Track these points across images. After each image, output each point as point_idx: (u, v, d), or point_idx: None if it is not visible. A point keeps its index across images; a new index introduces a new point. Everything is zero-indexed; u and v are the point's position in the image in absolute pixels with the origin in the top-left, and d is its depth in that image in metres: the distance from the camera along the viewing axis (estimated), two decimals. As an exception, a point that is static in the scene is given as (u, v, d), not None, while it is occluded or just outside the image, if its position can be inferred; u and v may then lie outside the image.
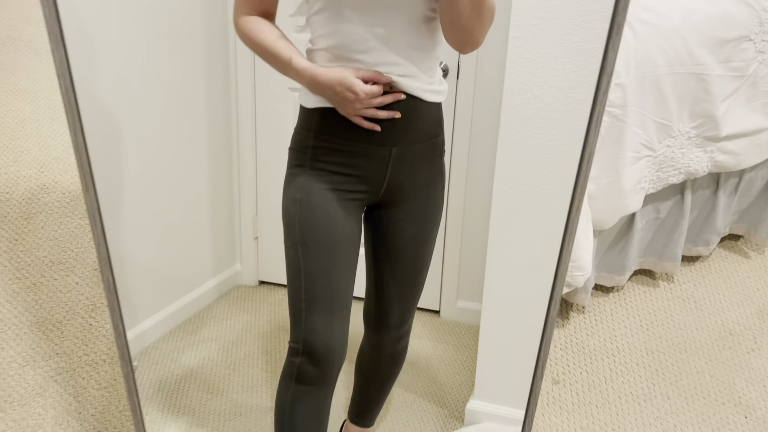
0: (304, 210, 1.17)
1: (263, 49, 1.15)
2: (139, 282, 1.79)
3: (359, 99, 1.10)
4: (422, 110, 1.17)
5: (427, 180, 1.24)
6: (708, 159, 1.86)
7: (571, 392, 1.80)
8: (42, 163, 2.24)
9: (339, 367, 1.22)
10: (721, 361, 1.89)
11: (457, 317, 2.10)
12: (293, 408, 1.22)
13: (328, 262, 1.17)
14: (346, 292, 1.21)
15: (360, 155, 1.16)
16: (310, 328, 1.17)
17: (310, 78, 1.11)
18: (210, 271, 2.19)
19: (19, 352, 1.76)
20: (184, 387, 1.77)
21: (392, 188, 1.21)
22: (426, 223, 1.28)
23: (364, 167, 1.17)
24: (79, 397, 1.69)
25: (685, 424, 1.71)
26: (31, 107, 2.44)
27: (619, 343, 1.94)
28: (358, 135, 1.14)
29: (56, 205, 2.12)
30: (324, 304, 1.17)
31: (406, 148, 1.17)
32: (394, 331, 1.36)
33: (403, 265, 1.29)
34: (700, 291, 2.11)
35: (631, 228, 1.95)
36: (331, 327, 1.18)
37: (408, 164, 1.19)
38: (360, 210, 1.23)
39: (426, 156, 1.22)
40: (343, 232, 1.19)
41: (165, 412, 1.68)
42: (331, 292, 1.18)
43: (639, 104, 1.65)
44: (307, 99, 1.17)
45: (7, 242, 2.01)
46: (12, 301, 1.88)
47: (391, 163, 1.17)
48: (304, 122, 1.19)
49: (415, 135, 1.18)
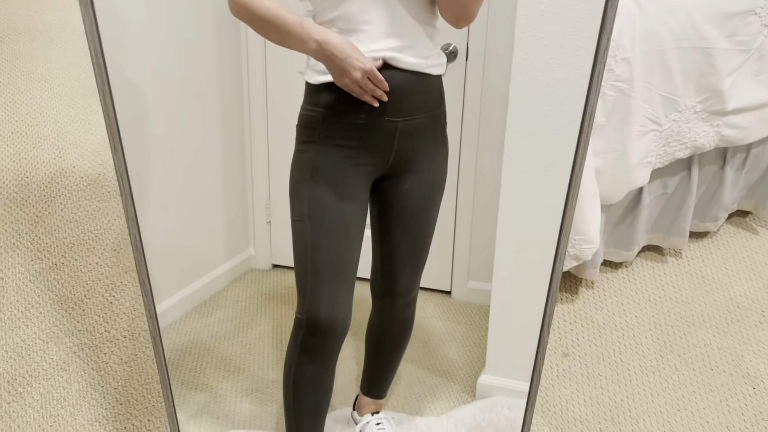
0: (311, 184, 1.20)
1: (263, 18, 1.11)
2: (154, 264, 1.83)
3: (365, 70, 1.11)
4: (425, 83, 1.20)
5: (432, 151, 1.28)
6: (714, 133, 1.87)
7: (580, 364, 1.83)
8: (60, 149, 2.29)
9: (342, 338, 1.26)
10: (729, 334, 1.91)
11: (468, 297, 2.12)
12: (297, 375, 1.28)
13: (334, 236, 1.21)
14: (351, 266, 1.25)
15: (367, 128, 1.18)
16: (315, 300, 1.21)
17: (321, 37, 1.09)
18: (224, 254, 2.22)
19: (42, 329, 1.82)
20: (201, 365, 1.81)
21: (399, 160, 1.24)
22: (431, 192, 1.32)
23: (372, 140, 1.20)
24: (101, 371, 1.74)
25: (692, 395, 1.74)
26: (48, 94, 2.49)
27: (627, 317, 1.96)
28: (364, 109, 1.17)
29: (75, 189, 2.18)
30: (329, 277, 1.21)
31: (411, 120, 1.20)
32: (401, 299, 1.41)
33: (409, 234, 1.33)
34: (709, 266, 2.13)
35: (639, 203, 1.97)
36: (336, 300, 1.22)
37: (414, 136, 1.22)
38: (367, 184, 1.26)
39: (430, 127, 1.25)
40: (350, 206, 1.22)
41: (183, 388, 1.73)
42: (336, 265, 1.21)
43: (645, 78, 1.67)
44: (312, 75, 1.19)
45: (29, 224, 2.07)
46: (34, 280, 1.93)
47: (398, 135, 1.20)
48: (310, 98, 1.21)
49: (420, 107, 1.21)
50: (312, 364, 1.27)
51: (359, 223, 1.25)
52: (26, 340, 1.79)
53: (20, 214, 2.09)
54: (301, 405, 1.32)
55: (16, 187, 2.16)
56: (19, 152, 2.26)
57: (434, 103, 1.24)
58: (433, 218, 1.36)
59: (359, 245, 1.27)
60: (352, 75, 1.11)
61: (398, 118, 1.19)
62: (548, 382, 1.78)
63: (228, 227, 2.18)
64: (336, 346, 1.27)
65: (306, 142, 1.22)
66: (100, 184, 2.20)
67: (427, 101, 1.22)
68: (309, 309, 1.22)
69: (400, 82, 1.16)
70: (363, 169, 1.23)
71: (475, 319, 2.04)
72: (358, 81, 1.12)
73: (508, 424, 1.64)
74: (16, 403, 1.65)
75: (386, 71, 1.15)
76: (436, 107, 1.25)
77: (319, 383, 1.30)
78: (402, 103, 1.18)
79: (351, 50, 1.10)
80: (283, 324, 1.99)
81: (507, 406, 1.68)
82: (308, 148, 1.21)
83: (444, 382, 1.77)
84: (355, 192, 1.23)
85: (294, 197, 1.24)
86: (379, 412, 1.60)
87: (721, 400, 1.73)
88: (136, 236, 0.82)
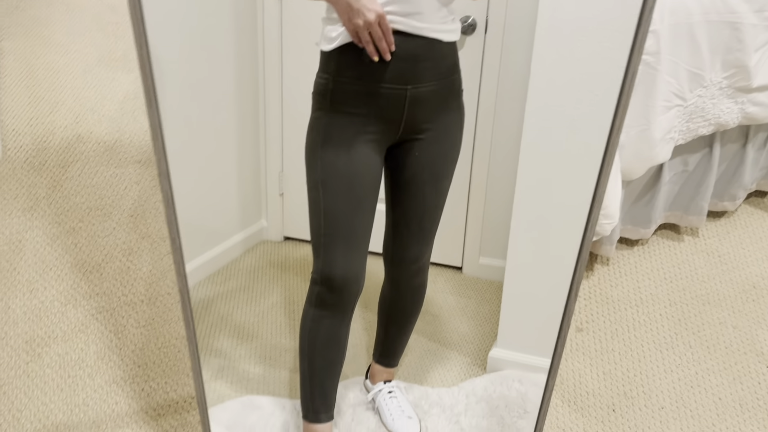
0: (323, 151, 1.22)
1: None
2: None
3: (379, 13, 1.10)
4: (437, 49, 1.19)
5: (445, 119, 1.28)
6: (738, 110, 1.85)
7: (594, 339, 1.84)
8: (77, 114, 2.29)
9: (354, 297, 1.30)
10: (744, 313, 1.90)
11: (479, 273, 2.13)
12: (313, 331, 1.33)
13: (346, 200, 1.23)
14: (364, 229, 1.28)
15: (376, 96, 1.19)
16: (328, 260, 1.25)
17: None
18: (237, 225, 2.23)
19: (60, 292, 1.84)
20: (215, 332, 1.83)
21: (410, 127, 1.25)
22: (443, 160, 1.32)
23: (381, 107, 1.20)
24: (119, 334, 1.76)
25: (706, 372, 1.74)
26: (65, 59, 2.48)
27: (642, 294, 1.96)
28: (374, 75, 1.17)
29: (92, 155, 2.18)
30: (342, 239, 1.24)
31: (421, 87, 1.20)
32: (412, 265, 1.42)
33: (419, 200, 1.34)
34: (725, 246, 2.12)
35: (659, 180, 1.95)
36: (348, 259, 1.26)
37: (425, 103, 1.22)
38: (379, 150, 1.27)
39: (442, 94, 1.25)
40: (363, 172, 1.24)
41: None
42: (348, 228, 1.25)
43: (672, 52, 1.65)
44: (325, 43, 1.20)
45: (46, 189, 2.08)
46: (52, 244, 1.95)
47: (408, 103, 1.21)
48: (324, 66, 1.23)
49: (431, 74, 1.20)
50: (327, 319, 1.32)
51: (371, 188, 1.27)
52: (44, 302, 1.81)
53: (38, 178, 2.10)
54: (317, 359, 1.35)
55: (33, 152, 2.17)
56: (36, 117, 2.27)
57: (446, 71, 1.23)
58: (444, 187, 1.36)
59: (372, 210, 1.29)
60: (366, 16, 1.10)
61: (408, 85, 1.19)
62: (562, 356, 1.79)
63: (241, 199, 2.19)
64: (350, 302, 1.31)
65: (319, 110, 1.24)
66: (116, 151, 2.20)
67: (438, 68, 1.21)
68: (323, 268, 1.26)
69: (410, 48, 1.16)
70: (374, 136, 1.24)
71: (486, 294, 2.04)
72: (370, 23, 1.11)
73: (519, 397, 1.65)
74: (35, 363, 1.67)
75: (395, 37, 1.15)
76: (448, 74, 1.24)
77: (335, 338, 1.34)
78: (412, 70, 1.18)
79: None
80: (294, 294, 2.01)
81: (518, 380, 1.69)
82: (321, 115, 1.24)
83: (455, 355, 1.79)
84: (366, 158, 1.24)
85: (309, 163, 1.26)
86: (391, 381, 1.62)
87: (735, 378, 1.73)
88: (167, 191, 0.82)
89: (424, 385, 1.68)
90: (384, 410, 1.57)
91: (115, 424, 1.57)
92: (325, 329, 1.33)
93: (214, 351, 1.77)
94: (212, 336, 1.82)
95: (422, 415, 1.59)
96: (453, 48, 1.24)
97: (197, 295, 1.98)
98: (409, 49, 1.16)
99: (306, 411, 1.41)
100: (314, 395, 1.39)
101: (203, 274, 2.07)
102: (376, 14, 1.11)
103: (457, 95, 1.29)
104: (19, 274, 1.87)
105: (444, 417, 1.60)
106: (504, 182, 1.94)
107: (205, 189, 2.04)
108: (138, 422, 1.57)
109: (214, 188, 2.09)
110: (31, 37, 2.56)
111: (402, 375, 1.71)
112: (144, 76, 0.75)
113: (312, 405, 1.40)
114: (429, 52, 1.19)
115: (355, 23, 1.12)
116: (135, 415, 1.58)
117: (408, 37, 1.16)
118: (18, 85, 2.36)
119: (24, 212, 2.01)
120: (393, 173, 1.33)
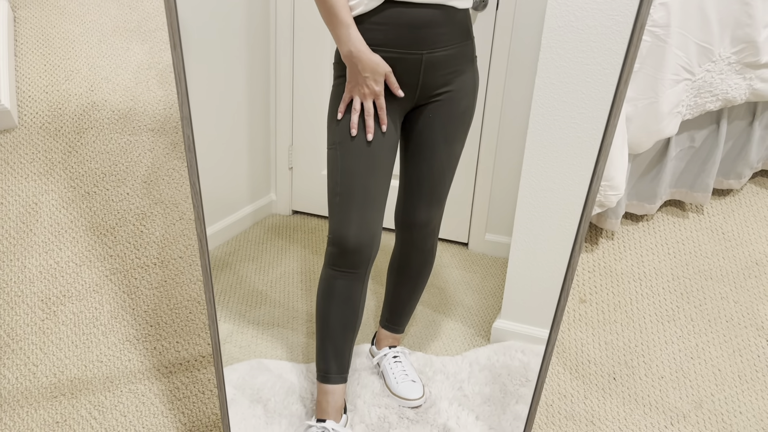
0: (343, 114, 1.27)
1: (327, 3, 1.19)
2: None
3: (375, 94, 1.23)
4: (450, 16, 1.23)
5: (459, 83, 1.31)
6: (746, 86, 1.86)
7: (597, 311, 1.87)
8: (92, 83, 2.32)
9: (369, 257, 1.34)
10: (746, 288, 1.93)
11: (484, 250, 2.15)
12: (329, 290, 1.37)
13: (362, 162, 1.27)
14: (379, 191, 1.31)
15: (394, 61, 1.23)
16: (342, 219, 1.29)
17: (355, 49, 1.20)
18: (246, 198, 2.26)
19: (75, 253, 1.88)
20: (225, 299, 1.86)
21: (425, 92, 1.29)
22: (457, 123, 1.35)
23: (399, 73, 1.25)
24: (132, 295, 1.81)
25: (706, 344, 1.77)
26: (80, 29, 2.51)
27: (646, 269, 1.98)
28: (391, 43, 1.22)
29: (106, 122, 2.21)
30: (356, 200, 1.28)
31: (437, 52, 1.24)
32: (423, 229, 1.46)
33: (433, 162, 1.37)
34: (729, 223, 2.14)
35: (665, 155, 1.97)
36: (362, 220, 1.29)
37: (440, 68, 1.26)
38: (396, 115, 1.31)
39: (456, 60, 1.28)
40: (378, 135, 1.27)
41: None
42: (363, 189, 1.28)
43: (682, 25, 1.65)
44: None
45: (62, 154, 2.12)
46: (68, 207, 1.99)
47: (423, 67, 1.25)
48: None
49: (445, 39, 1.24)
50: (341, 280, 1.35)
51: (388, 152, 1.30)
52: (59, 262, 1.85)
53: (53, 143, 2.14)
54: (331, 319, 1.38)
55: (49, 118, 2.20)
56: (51, 84, 2.30)
57: (460, 36, 1.27)
58: (456, 150, 1.39)
59: (388, 175, 1.32)
60: (363, 90, 1.23)
61: (423, 50, 1.23)
62: (565, 326, 1.82)
63: (251, 172, 2.21)
64: (364, 262, 1.34)
65: (340, 77, 1.29)
66: (130, 119, 2.24)
67: (452, 34, 1.25)
68: (337, 228, 1.30)
69: (425, 15, 1.20)
70: (391, 100, 1.27)
71: (491, 270, 2.06)
72: (364, 96, 1.24)
73: (522, 366, 1.67)
74: (50, 320, 1.72)
75: (410, 7, 1.19)
76: (462, 39, 1.28)
77: (349, 298, 1.37)
78: (427, 36, 1.22)
79: (373, 72, 1.21)
80: (304, 265, 2.04)
81: (521, 350, 1.72)
82: (341, 82, 1.28)
83: (459, 326, 1.81)
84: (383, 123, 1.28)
85: (329, 127, 1.31)
86: (396, 347, 1.65)
87: (734, 350, 1.76)
88: (189, 137, 0.86)
89: (429, 353, 1.71)
90: (388, 374, 1.61)
91: (128, 380, 1.61)
92: (340, 289, 1.36)
93: (223, 316, 1.80)
94: (221, 302, 1.85)
95: (426, 381, 1.62)
96: (466, 14, 1.27)
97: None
98: (424, 17, 1.20)
99: (318, 371, 1.45)
100: (327, 355, 1.42)
101: (212, 245, 2.09)
102: (373, 95, 1.23)
103: (471, 60, 1.32)
104: (35, 235, 1.91)
105: (447, 383, 1.63)
106: (512, 160, 1.95)
107: (215, 161, 2.06)
108: (150, 379, 1.61)
109: (224, 161, 2.11)
110: (47, 6, 2.58)
111: (407, 344, 1.74)
112: (170, 19, 0.78)
113: (324, 365, 1.43)
114: (443, 18, 1.22)
115: (355, 89, 1.24)
116: (147, 372, 1.63)
117: (424, 6, 1.20)
118: (34, 53, 2.39)
119: (40, 176, 2.05)
120: (407, 135, 1.37)
